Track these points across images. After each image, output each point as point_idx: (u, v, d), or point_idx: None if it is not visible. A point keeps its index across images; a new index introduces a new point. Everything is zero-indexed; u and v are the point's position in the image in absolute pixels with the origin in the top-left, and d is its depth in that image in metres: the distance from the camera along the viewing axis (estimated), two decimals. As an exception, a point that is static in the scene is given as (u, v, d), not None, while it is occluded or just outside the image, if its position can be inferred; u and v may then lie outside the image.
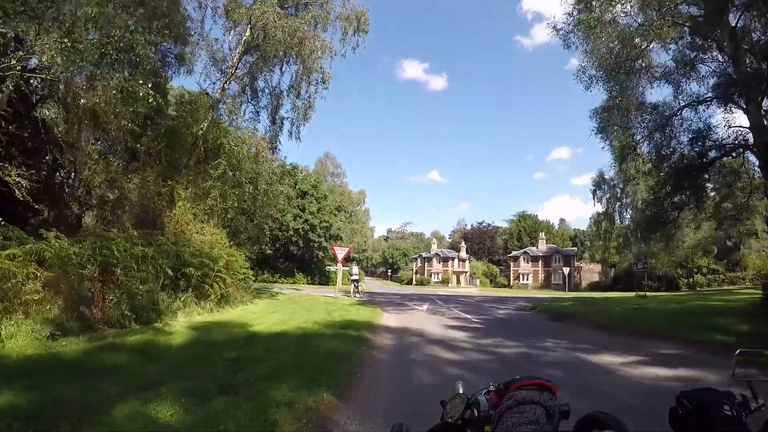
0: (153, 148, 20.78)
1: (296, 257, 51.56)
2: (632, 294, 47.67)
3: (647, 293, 39.62)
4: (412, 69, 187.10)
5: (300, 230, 47.97)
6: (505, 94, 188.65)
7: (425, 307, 23.64)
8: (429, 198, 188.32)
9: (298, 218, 48.24)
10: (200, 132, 22.44)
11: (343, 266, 36.36)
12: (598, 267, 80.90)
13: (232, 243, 23.23)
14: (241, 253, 22.23)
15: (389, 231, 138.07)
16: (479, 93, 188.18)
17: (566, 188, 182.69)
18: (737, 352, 1.69)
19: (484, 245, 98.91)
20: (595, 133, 23.80)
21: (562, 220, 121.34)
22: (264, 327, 12.66)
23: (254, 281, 45.05)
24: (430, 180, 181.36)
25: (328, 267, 42.15)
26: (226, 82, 24.95)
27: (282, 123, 26.34)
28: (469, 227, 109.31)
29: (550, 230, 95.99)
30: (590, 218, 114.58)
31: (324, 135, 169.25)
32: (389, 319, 17.16)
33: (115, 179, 20.71)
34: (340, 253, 26.84)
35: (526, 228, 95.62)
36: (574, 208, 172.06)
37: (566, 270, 59.66)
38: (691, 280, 68.58)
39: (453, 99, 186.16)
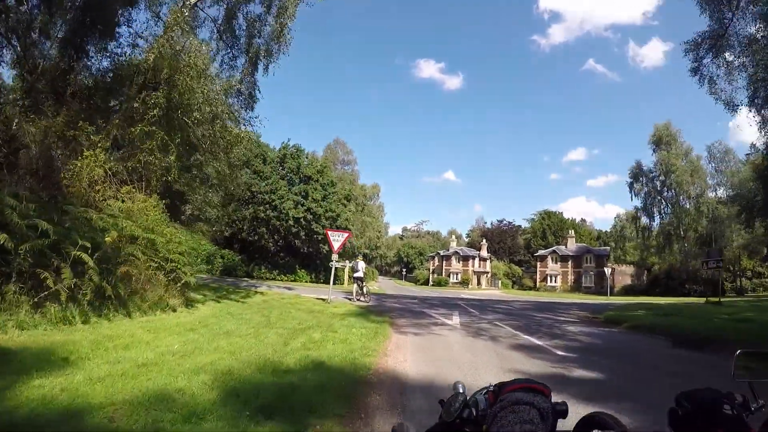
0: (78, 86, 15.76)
1: (298, 251, 43.47)
2: (692, 299, 39.27)
3: (714, 299, 30.71)
4: (428, 68, 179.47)
5: (301, 220, 39.69)
6: (522, 94, 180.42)
7: (456, 319, 15.33)
8: (444, 198, 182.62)
9: (299, 206, 40.02)
10: (145, 65, 15.65)
11: (349, 261, 28.08)
12: (629, 269, 71.77)
13: (177, 217, 16.11)
14: (180, 232, 14.63)
15: (404, 229, 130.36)
16: (495, 93, 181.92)
17: (582, 190, 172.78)
18: (737, 352, 1.66)
19: (505, 244, 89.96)
20: (691, 74, 19.66)
21: (583, 221, 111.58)
22: (77, 381, 4.64)
23: (250, 277, 37.61)
24: (446, 180, 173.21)
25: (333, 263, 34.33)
26: None
27: (257, 55, 18.64)
28: (488, 225, 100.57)
29: (577, 229, 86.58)
30: (615, 218, 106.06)
31: (337, 134, 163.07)
32: (402, 349, 8.83)
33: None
34: (336, 239, 18.80)
35: (551, 226, 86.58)
36: (591, 210, 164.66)
37: (607, 271, 50.71)
38: (737, 283, 59.39)
39: (469, 99, 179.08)
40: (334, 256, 18.66)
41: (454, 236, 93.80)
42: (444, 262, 79.76)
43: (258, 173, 41.15)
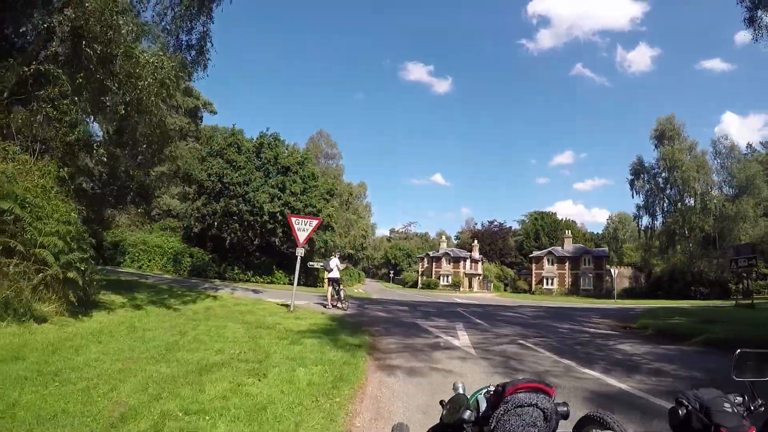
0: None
1: (276, 250, 38.87)
2: (706, 302, 35.43)
3: (745, 301, 26.67)
4: (417, 71, 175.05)
5: (278, 215, 34.92)
6: (510, 98, 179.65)
7: (464, 336, 10.76)
8: (433, 201, 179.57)
9: (276, 200, 35.35)
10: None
11: (324, 258, 23.32)
12: (627, 271, 67.77)
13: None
14: (69, 206, 10.13)
15: (392, 231, 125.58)
16: (484, 97, 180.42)
17: (569, 193, 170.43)
18: (737, 352, 1.64)
19: (496, 246, 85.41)
20: (744, 25, 16.15)
21: (573, 222, 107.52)
22: None
23: (221, 279, 33.04)
24: (434, 183, 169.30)
25: (311, 264, 30.62)
26: None
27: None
28: (479, 226, 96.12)
29: (572, 229, 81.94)
30: (607, 220, 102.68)
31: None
32: (383, 425, 4.27)
33: None
34: (302, 229, 14.16)
35: (545, 227, 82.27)
36: (578, 214, 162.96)
37: (614, 272, 46.33)
38: (741, 285, 55.26)
39: (457, 102, 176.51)
40: (299, 250, 13.98)
41: (444, 237, 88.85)
42: (434, 263, 74.94)
43: (230, 163, 36.40)
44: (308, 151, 43.35)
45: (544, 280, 65.56)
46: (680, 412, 1.42)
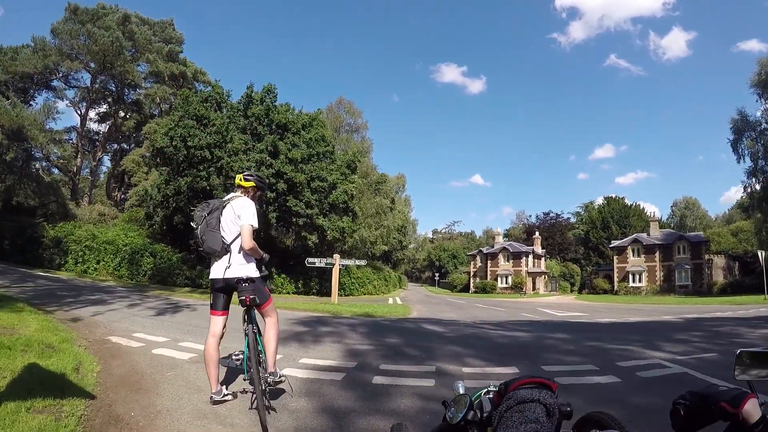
0: None
1: (276, 246, 26.39)
2: None
3: None
4: (451, 73, 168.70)
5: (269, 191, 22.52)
6: (545, 93, 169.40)
7: None
8: (473, 202, 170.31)
9: (264, 168, 23.01)
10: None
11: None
12: (719, 260, 52.19)
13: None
14: None
15: (435, 232, 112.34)
16: (518, 94, 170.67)
17: (611, 188, 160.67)
18: (738, 351, 1.53)
19: (554, 241, 70.66)
20: None
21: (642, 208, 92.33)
22: None
23: (194, 287, 19.94)
24: (473, 184, 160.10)
25: (311, 261, 18.84)
26: None
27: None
28: (533, 219, 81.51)
29: (642, 216, 66.24)
30: (672, 207, 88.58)
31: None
32: None
33: None
34: None
35: (613, 214, 66.95)
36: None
37: (761, 255, 30.91)
38: None
39: (492, 101, 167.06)
40: None
41: (498, 230, 74.12)
42: (489, 262, 60.47)
43: (200, 120, 24.14)
44: (319, 111, 30.64)
45: (630, 276, 50.02)
46: (681, 411, 1.32)
